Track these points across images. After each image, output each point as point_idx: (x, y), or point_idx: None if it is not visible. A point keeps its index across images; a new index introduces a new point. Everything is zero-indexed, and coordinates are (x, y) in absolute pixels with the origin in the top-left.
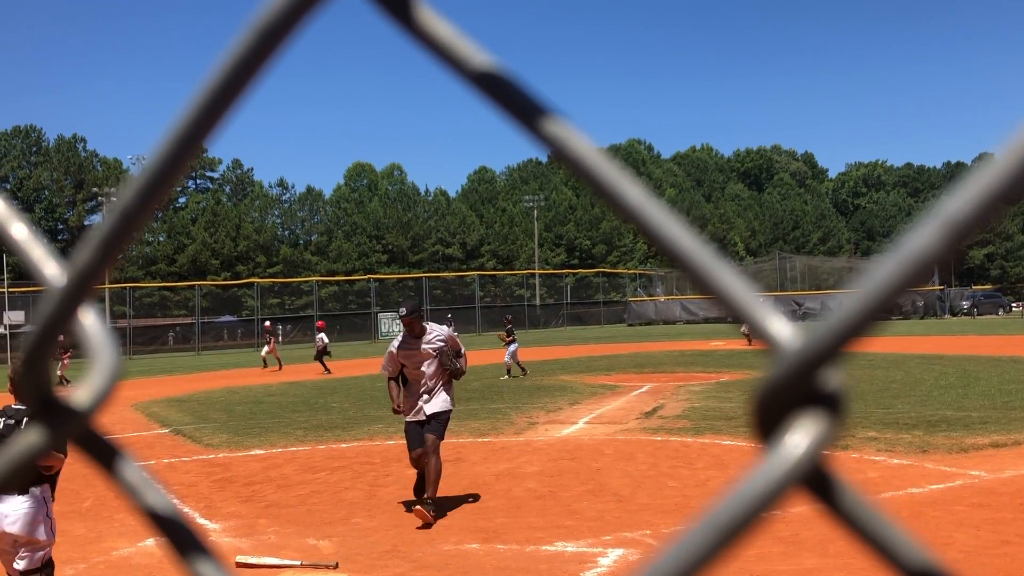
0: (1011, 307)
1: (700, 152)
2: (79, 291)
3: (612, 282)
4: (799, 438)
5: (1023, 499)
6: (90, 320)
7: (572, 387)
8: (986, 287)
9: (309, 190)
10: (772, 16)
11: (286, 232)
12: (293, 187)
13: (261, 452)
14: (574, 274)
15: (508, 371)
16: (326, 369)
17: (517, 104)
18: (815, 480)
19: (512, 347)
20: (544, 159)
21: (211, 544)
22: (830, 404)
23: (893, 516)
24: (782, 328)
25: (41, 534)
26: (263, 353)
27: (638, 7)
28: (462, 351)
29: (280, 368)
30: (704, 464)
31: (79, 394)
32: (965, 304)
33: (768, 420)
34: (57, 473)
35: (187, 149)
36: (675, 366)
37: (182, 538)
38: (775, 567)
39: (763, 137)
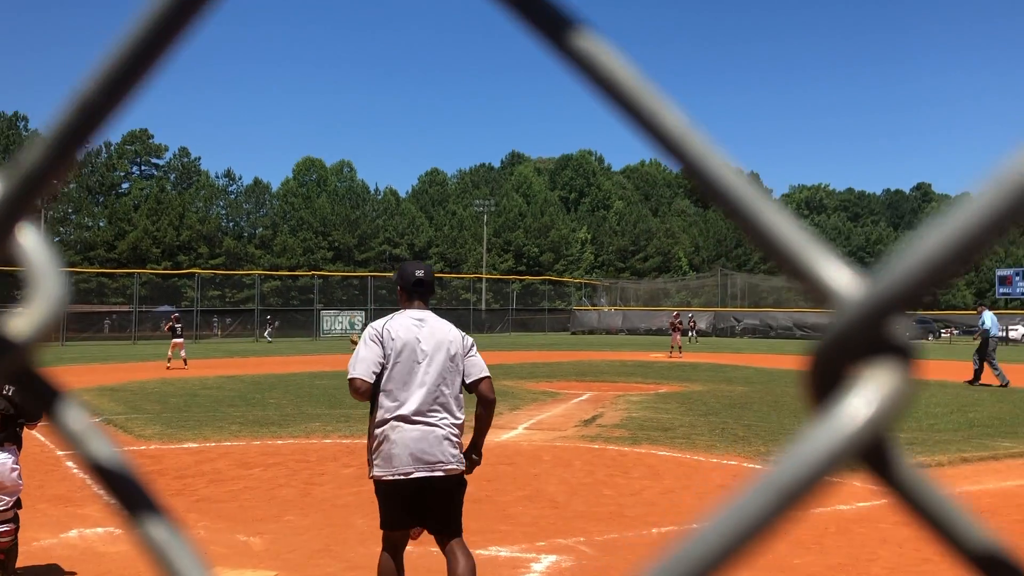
0: (940, 333)
1: (649, 167)
2: (19, 200)
3: (558, 290)
4: (868, 393)
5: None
6: (30, 241)
7: (513, 393)
8: (918, 312)
9: (256, 182)
10: (722, 37)
11: (230, 224)
12: (240, 179)
13: (194, 446)
14: (521, 280)
15: None
16: None
17: (539, 12)
18: (874, 449)
19: None
20: (496, 164)
21: (163, 503)
22: (902, 356)
23: (953, 494)
24: (840, 274)
25: (15, 479)
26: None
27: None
28: None
29: (185, 365)
30: (640, 473)
31: (17, 322)
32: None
33: (827, 377)
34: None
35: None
36: (616, 376)
37: (130, 494)
38: None
39: None
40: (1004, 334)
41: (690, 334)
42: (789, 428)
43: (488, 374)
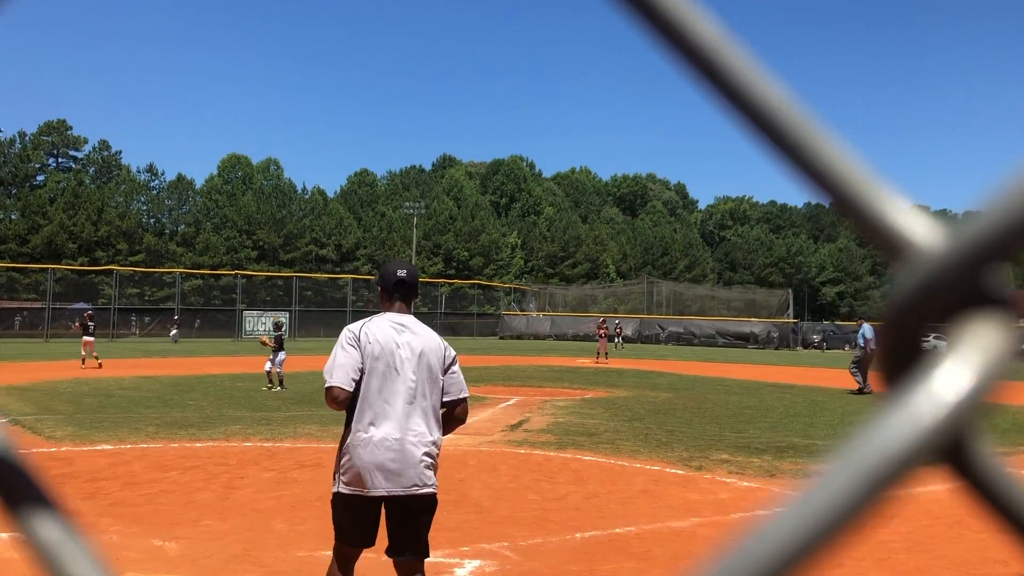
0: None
1: (579, 174)
2: None
3: (487, 294)
4: (970, 357)
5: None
6: None
7: None
8: (837, 323)
9: (180, 178)
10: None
11: (151, 220)
12: (163, 174)
13: (108, 447)
14: (450, 284)
15: (279, 381)
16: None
17: None
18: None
19: (280, 356)
20: (427, 167)
21: (57, 499)
22: (1004, 312)
23: None
24: (916, 223)
25: None
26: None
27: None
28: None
29: (99, 365)
30: (565, 478)
31: None
32: (816, 338)
33: (907, 342)
34: None
35: None
36: (543, 381)
37: (14, 488)
38: None
39: (640, 165)
40: (854, 345)
41: (616, 340)
42: (711, 434)
43: (467, 395)
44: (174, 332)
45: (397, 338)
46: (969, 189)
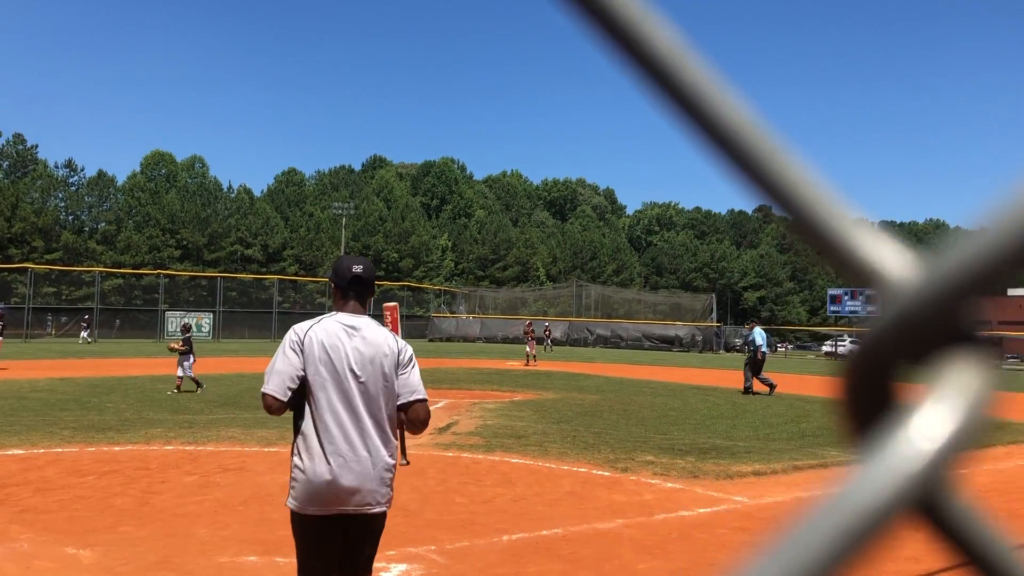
0: (777, 347)
1: (510, 177)
2: None
3: (417, 296)
4: (951, 399)
5: (778, 524)
6: None
7: None
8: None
9: (101, 175)
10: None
11: (70, 217)
12: (83, 170)
13: (20, 452)
14: (379, 286)
15: (196, 384)
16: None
17: None
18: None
19: (189, 360)
20: (357, 167)
21: None
22: (982, 351)
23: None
24: (888, 252)
25: None
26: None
27: (458, 31)
28: None
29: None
30: (492, 481)
31: None
32: (738, 342)
33: (877, 383)
34: None
35: None
36: (472, 383)
37: None
38: None
39: (570, 170)
40: (773, 349)
41: (545, 343)
42: (637, 435)
43: (424, 396)
44: (84, 333)
45: (347, 343)
46: (963, 198)
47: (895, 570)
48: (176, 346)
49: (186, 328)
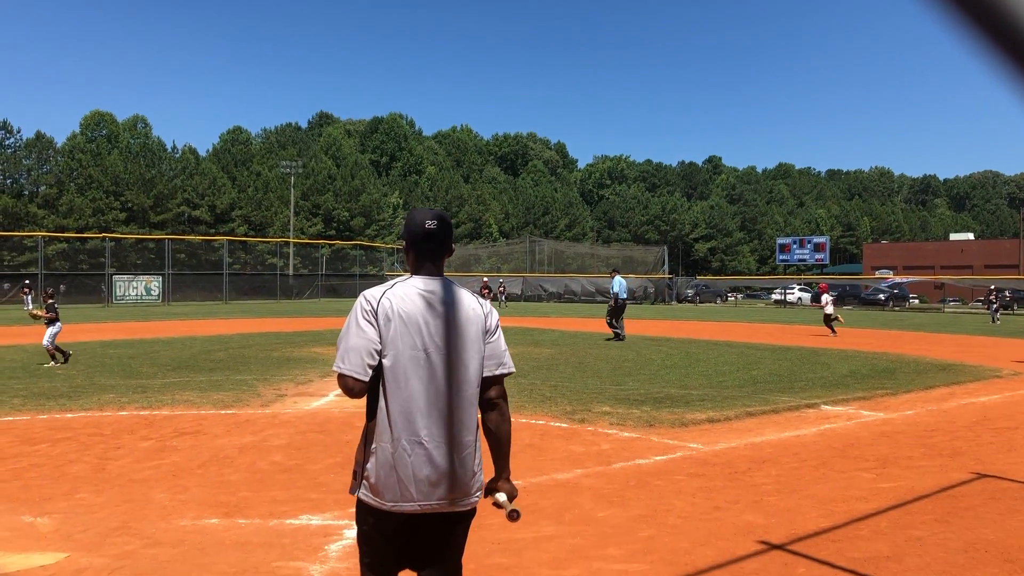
0: (727, 297)
1: (460, 133)
2: None
3: (369, 255)
4: None
5: (732, 469)
6: None
7: (323, 359)
8: (708, 277)
9: (39, 136)
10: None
11: (8, 181)
12: (19, 132)
13: None
14: (331, 245)
15: (62, 354)
16: None
17: None
18: None
19: (54, 328)
20: (304, 124)
21: None
22: None
23: None
24: None
25: None
26: None
27: None
28: None
29: None
30: None
31: None
32: (690, 292)
33: None
34: None
35: None
36: None
37: None
38: (515, 535)
39: (520, 124)
40: (633, 297)
41: (500, 299)
42: (593, 387)
43: (511, 368)
44: (28, 298)
45: (427, 310)
46: None
47: (846, 510)
48: (40, 313)
49: (48, 294)
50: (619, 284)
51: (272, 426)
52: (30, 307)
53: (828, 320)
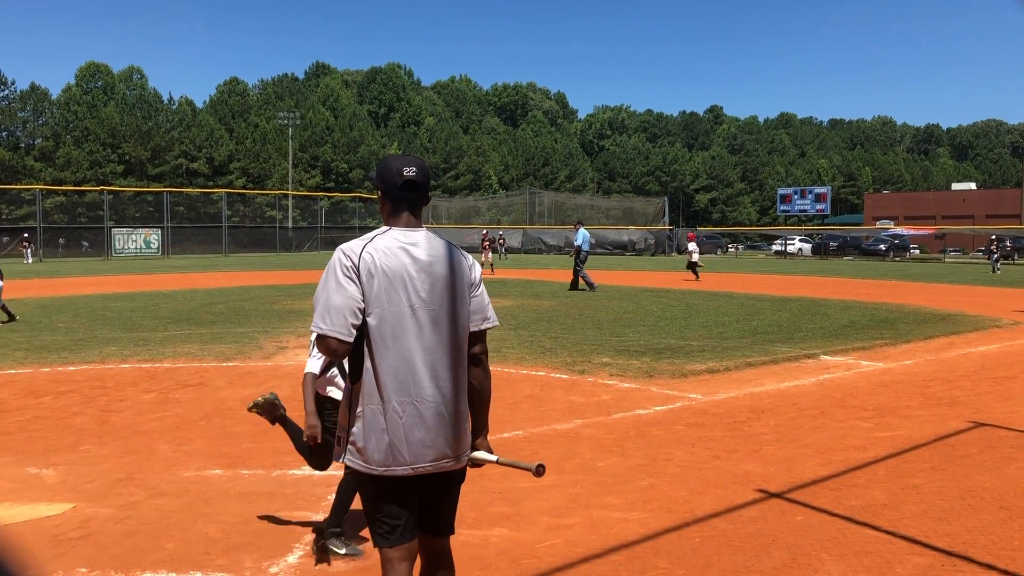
0: (728, 248)
1: (459, 83)
2: None
3: (369, 207)
4: None
5: (731, 419)
6: None
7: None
8: (708, 228)
9: (33, 88)
10: None
11: (4, 133)
12: (14, 83)
13: None
14: (330, 197)
15: (7, 314)
16: None
17: None
18: None
19: None
20: (300, 75)
21: None
22: None
23: None
24: None
25: None
26: None
27: None
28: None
29: None
30: None
31: None
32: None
33: None
34: None
35: None
36: None
37: None
38: (516, 484)
39: (520, 74)
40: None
41: (500, 251)
42: (593, 339)
43: (496, 322)
44: (28, 251)
45: (409, 264)
46: None
47: (844, 458)
48: None
49: None
50: (582, 236)
51: (274, 378)
52: (29, 260)
53: (693, 267)
